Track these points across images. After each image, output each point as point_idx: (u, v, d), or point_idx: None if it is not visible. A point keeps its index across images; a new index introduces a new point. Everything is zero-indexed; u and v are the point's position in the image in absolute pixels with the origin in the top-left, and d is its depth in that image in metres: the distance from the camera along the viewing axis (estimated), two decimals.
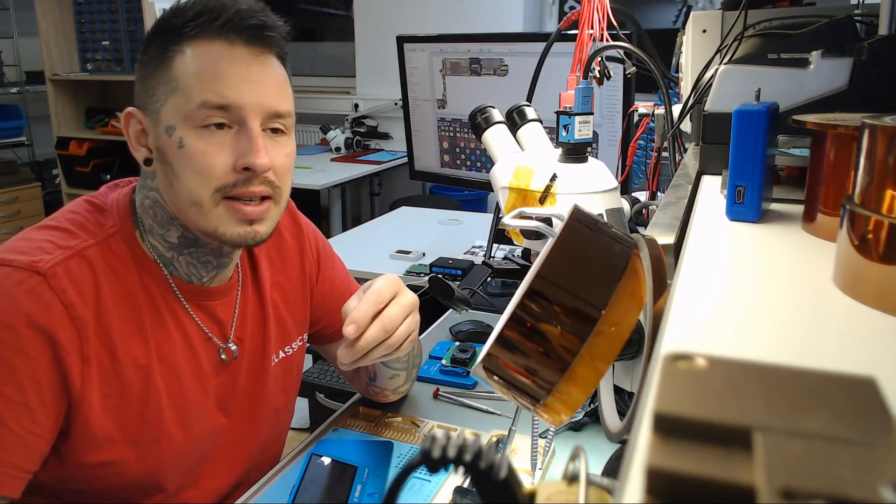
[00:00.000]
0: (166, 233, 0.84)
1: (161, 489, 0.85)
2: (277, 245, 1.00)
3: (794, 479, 0.17)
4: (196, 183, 0.78)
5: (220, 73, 0.78)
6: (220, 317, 0.90)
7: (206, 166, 0.77)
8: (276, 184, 0.81)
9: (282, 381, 0.99)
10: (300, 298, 1.02)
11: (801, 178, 0.66)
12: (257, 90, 0.79)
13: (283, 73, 0.84)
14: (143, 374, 0.81)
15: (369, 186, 4.15)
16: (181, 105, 0.77)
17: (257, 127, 0.79)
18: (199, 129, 0.77)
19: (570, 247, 0.45)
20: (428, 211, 2.57)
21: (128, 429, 0.80)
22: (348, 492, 0.89)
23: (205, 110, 0.77)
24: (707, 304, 0.39)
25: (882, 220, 0.37)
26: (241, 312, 0.92)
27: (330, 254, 1.10)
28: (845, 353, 0.34)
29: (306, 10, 4.86)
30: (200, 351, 0.87)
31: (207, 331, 0.88)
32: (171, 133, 0.78)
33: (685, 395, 0.22)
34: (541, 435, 0.88)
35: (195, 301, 0.87)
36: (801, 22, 0.78)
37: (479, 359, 0.47)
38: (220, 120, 0.77)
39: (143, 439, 0.81)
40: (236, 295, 0.92)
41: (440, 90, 1.83)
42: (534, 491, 0.36)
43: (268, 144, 0.80)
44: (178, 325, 0.85)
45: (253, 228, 0.81)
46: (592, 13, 0.93)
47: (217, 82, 0.78)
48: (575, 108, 0.85)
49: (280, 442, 1.06)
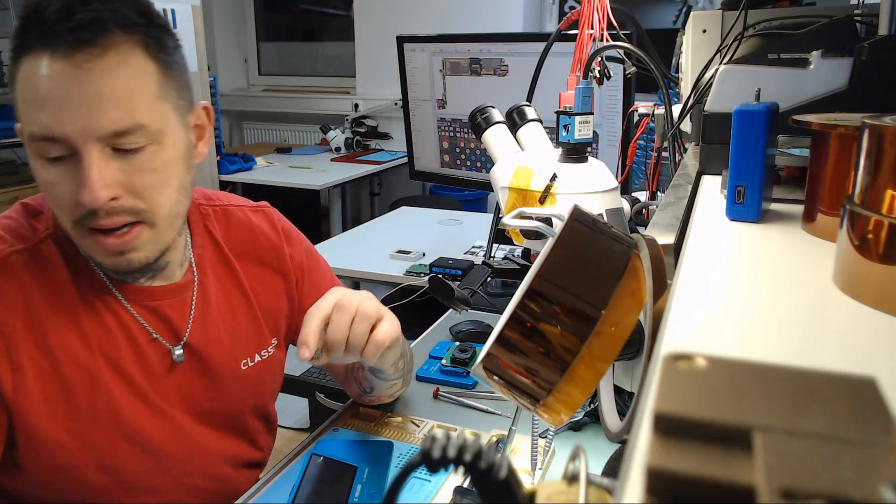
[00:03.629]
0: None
1: (129, 491, 0.83)
2: (255, 251, 0.97)
3: (794, 479, 0.17)
4: (60, 213, 0.74)
5: (37, 97, 0.68)
6: (169, 317, 0.86)
7: (58, 199, 0.72)
8: (140, 207, 0.73)
9: (254, 385, 0.96)
10: (279, 304, 0.99)
11: (801, 178, 0.66)
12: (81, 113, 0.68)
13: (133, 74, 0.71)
14: (88, 374, 0.78)
15: (369, 186, 4.15)
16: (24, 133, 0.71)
17: (91, 155, 0.69)
18: (41, 159, 0.71)
19: (570, 247, 0.45)
20: (428, 211, 2.57)
21: (79, 432, 0.78)
22: (348, 492, 0.89)
23: (35, 143, 0.70)
24: (707, 305, 0.39)
25: (882, 220, 0.37)
26: (200, 314, 0.89)
27: (315, 258, 1.07)
28: (845, 353, 0.34)
29: (306, 10, 4.86)
30: (148, 350, 0.84)
31: (153, 330, 0.84)
32: (29, 160, 0.73)
33: (685, 395, 0.22)
34: (541, 435, 0.88)
35: (137, 301, 0.84)
36: (801, 22, 0.78)
37: (479, 359, 0.47)
38: (55, 153, 0.70)
39: (98, 442, 0.79)
40: (191, 297, 0.89)
41: (440, 90, 1.83)
42: (534, 491, 0.36)
43: (118, 166, 0.71)
44: (119, 325, 0.82)
45: (125, 258, 0.75)
46: (592, 13, 0.93)
47: (36, 109, 0.68)
48: (575, 108, 0.85)
49: (265, 444, 1.04)
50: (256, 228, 0.98)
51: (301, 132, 4.56)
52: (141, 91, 0.72)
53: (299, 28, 4.99)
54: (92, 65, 0.68)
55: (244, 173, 3.52)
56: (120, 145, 0.71)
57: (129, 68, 0.71)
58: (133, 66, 0.71)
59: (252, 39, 4.80)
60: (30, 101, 0.69)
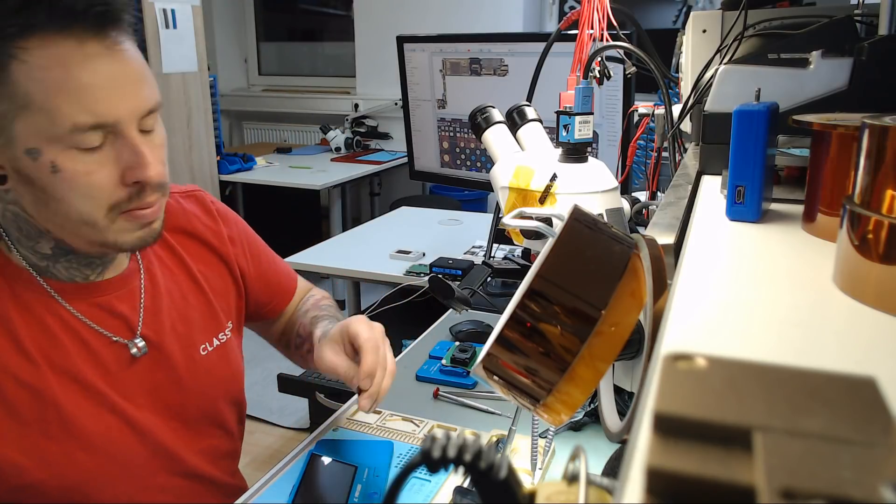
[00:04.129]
0: (36, 245, 0.78)
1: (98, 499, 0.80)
2: (194, 235, 0.96)
3: (794, 479, 0.17)
4: (86, 205, 0.71)
5: (81, 84, 0.66)
6: (120, 310, 0.83)
7: (93, 187, 0.70)
8: (164, 179, 0.76)
9: (219, 370, 0.94)
10: (226, 286, 0.98)
11: (801, 178, 0.66)
12: (127, 94, 0.69)
13: (140, 56, 0.73)
14: (32, 391, 0.75)
15: (369, 186, 4.15)
16: (44, 127, 0.67)
17: (136, 136, 0.71)
18: (72, 150, 0.68)
19: (570, 247, 0.45)
20: (428, 211, 2.57)
21: (32, 451, 0.75)
22: (348, 492, 0.89)
23: (78, 134, 0.68)
24: (707, 305, 0.39)
25: (882, 220, 0.37)
26: (150, 304, 0.86)
27: (254, 238, 1.06)
28: (845, 353, 0.34)
29: (306, 10, 4.86)
30: (100, 350, 0.80)
31: (102, 329, 0.81)
32: (35, 157, 0.68)
33: (685, 395, 0.22)
34: (541, 435, 0.88)
35: (85, 299, 0.80)
36: (801, 22, 0.78)
37: (479, 359, 0.47)
38: (96, 142, 0.69)
39: (54, 457, 0.76)
40: (139, 286, 0.86)
41: (440, 90, 1.83)
42: (534, 491, 0.36)
43: (147, 145, 0.73)
44: (66, 329, 0.78)
45: (152, 228, 0.77)
46: (592, 13, 0.93)
47: (83, 97, 0.67)
48: (575, 108, 0.85)
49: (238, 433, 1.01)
50: (191, 213, 0.97)
51: (301, 132, 4.56)
52: (148, 71, 0.74)
53: (299, 28, 4.98)
54: (120, 48, 0.69)
55: (244, 173, 3.52)
56: (143, 125, 0.73)
57: (136, 52, 0.73)
58: (135, 50, 0.73)
59: (252, 39, 4.80)
60: (69, 88, 0.66)
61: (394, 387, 1.18)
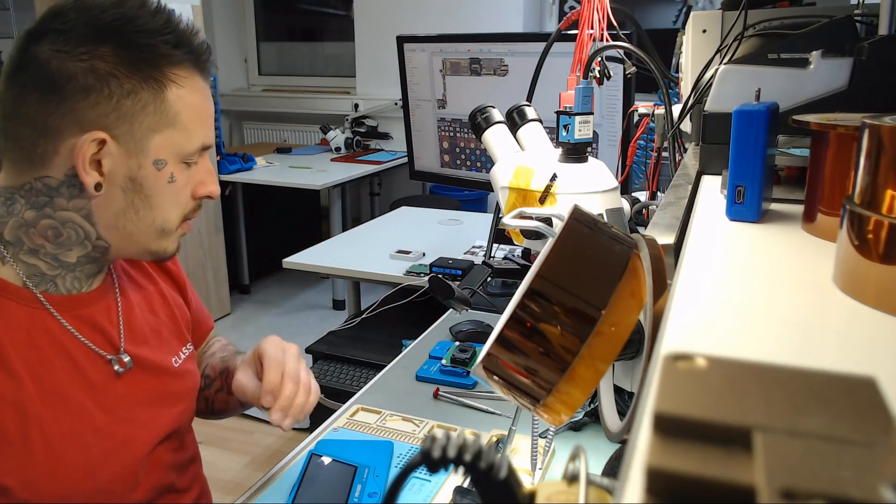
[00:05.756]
0: (65, 252, 0.78)
1: None
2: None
3: (794, 479, 0.17)
4: (172, 212, 0.80)
5: (208, 112, 0.80)
6: (101, 325, 0.82)
7: (184, 197, 0.81)
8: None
9: (189, 382, 0.94)
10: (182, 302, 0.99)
11: (801, 178, 0.66)
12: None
13: None
14: (16, 409, 0.73)
15: (369, 186, 4.15)
16: (180, 143, 0.77)
17: (207, 158, 0.83)
18: (183, 164, 0.79)
19: (570, 247, 0.45)
20: (428, 211, 2.57)
21: (14, 471, 0.73)
22: (348, 492, 0.89)
23: (196, 153, 0.80)
24: (707, 305, 0.39)
25: (882, 220, 0.37)
26: (126, 317, 0.86)
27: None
28: (845, 353, 0.34)
29: (306, 10, 4.86)
30: (85, 364, 0.80)
31: (89, 342, 0.81)
32: (160, 167, 0.77)
33: (685, 395, 0.22)
34: (541, 435, 0.88)
35: (71, 311, 0.80)
36: (801, 22, 0.78)
37: (479, 359, 0.47)
38: (197, 160, 0.81)
39: (36, 476, 0.74)
40: (115, 299, 0.86)
41: (440, 90, 1.83)
42: (534, 491, 0.36)
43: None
44: (54, 344, 0.78)
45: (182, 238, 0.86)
46: (592, 13, 0.93)
47: (207, 123, 0.80)
48: (575, 108, 0.85)
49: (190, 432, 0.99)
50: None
51: (301, 132, 4.56)
52: None
53: (299, 28, 4.98)
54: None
55: (244, 173, 3.52)
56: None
57: None
58: None
59: (252, 39, 4.80)
60: (204, 115, 0.80)
61: (394, 387, 1.18)
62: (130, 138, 0.74)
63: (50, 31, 0.72)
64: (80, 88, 0.72)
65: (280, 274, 4.01)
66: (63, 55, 0.71)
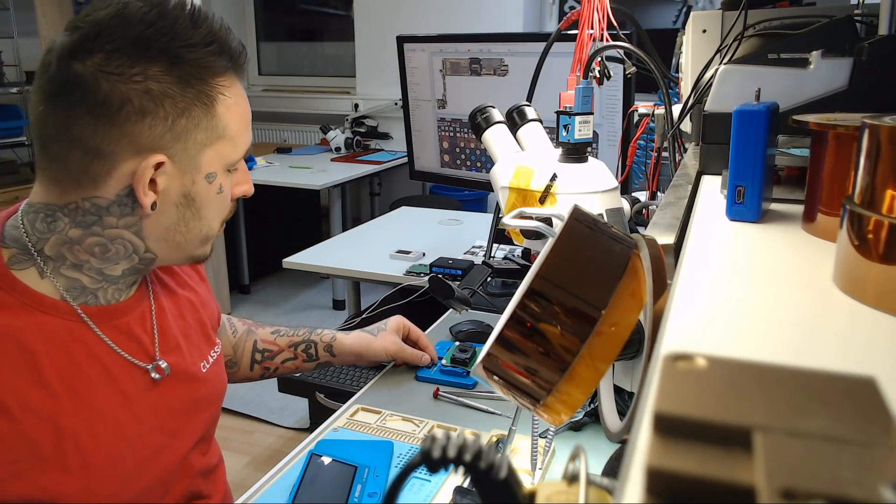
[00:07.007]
0: (111, 267, 0.77)
1: None
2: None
3: (794, 479, 0.17)
4: (216, 220, 0.81)
5: (249, 118, 0.80)
6: (136, 334, 0.81)
7: (224, 203, 0.81)
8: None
9: (217, 387, 0.94)
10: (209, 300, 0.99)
11: (801, 178, 0.66)
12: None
13: None
14: (52, 425, 0.72)
15: (369, 186, 4.15)
16: (226, 154, 0.77)
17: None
18: (227, 172, 0.80)
19: (569, 247, 0.45)
20: (428, 211, 2.57)
21: (49, 488, 0.72)
22: (348, 492, 0.89)
23: (239, 160, 0.80)
24: (707, 305, 0.39)
25: (882, 220, 0.37)
26: (161, 325, 0.85)
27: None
28: (845, 353, 0.34)
29: (306, 10, 4.86)
30: (120, 375, 0.79)
31: (125, 353, 0.80)
32: (211, 180, 0.77)
33: (685, 395, 0.22)
34: (541, 435, 0.88)
35: (108, 322, 0.79)
36: (801, 22, 0.78)
37: (479, 359, 0.47)
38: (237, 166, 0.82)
39: (71, 492, 0.73)
40: (150, 306, 0.85)
41: (440, 90, 1.83)
42: (534, 491, 0.36)
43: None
44: (89, 356, 0.76)
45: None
46: (592, 13, 0.93)
47: (249, 129, 0.80)
48: (575, 108, 0.85)
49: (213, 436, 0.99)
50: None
51: (301, 132, 4.56)
52: None
53: (299, 28, 4.98)
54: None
55: None
56: None
57: None
58: None
59: (252, 39, 4.80)
60: (244, 124, 0.79)
61: (394, 387, 1.18)
62: (185, 155, 0.74)
63: (95, 51, 0.69)
64: (136, 111, 0.69)
65: (280, 274, 4.01)
66: (114, 78, 0.69)
